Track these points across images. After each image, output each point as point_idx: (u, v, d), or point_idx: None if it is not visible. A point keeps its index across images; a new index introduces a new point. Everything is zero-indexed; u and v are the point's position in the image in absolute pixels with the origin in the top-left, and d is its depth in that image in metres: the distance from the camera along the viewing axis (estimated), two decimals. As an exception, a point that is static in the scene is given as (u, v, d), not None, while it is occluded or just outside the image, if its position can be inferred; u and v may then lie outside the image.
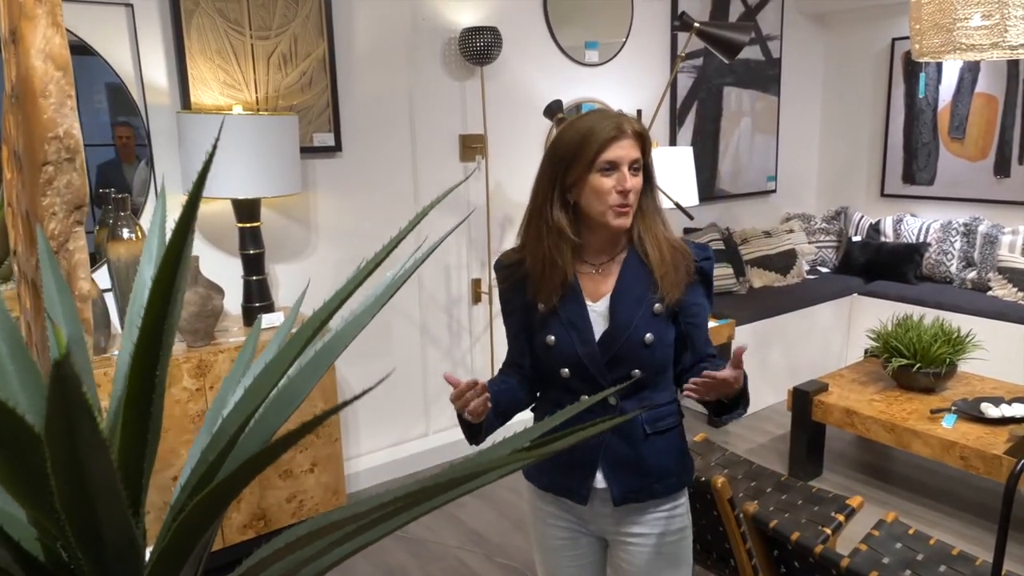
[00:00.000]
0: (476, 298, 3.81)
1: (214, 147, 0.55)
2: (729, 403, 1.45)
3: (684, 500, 1.60)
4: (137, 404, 0.57)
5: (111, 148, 2.80)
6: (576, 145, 1.40)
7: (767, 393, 4.34)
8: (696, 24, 2.84)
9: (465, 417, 1.39)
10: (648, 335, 1.45)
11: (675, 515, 1.56)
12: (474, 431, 1.47)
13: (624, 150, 1.41)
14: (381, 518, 0.60)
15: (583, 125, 1.41)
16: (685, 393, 1.39)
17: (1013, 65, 4.43)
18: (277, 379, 0.66)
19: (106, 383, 2.32)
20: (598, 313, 1.48)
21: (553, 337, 1.48)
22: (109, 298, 2.66)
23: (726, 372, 1.33)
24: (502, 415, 1.52)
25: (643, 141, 1.45)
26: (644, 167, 1.46)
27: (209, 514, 0.47)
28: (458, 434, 3.80)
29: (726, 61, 3.00)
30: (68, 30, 2.54)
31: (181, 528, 0.48)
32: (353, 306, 0.84)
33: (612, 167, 1.40)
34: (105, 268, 2.69)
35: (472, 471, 0.57)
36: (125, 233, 2.61)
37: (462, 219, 3.68)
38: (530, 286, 1.49)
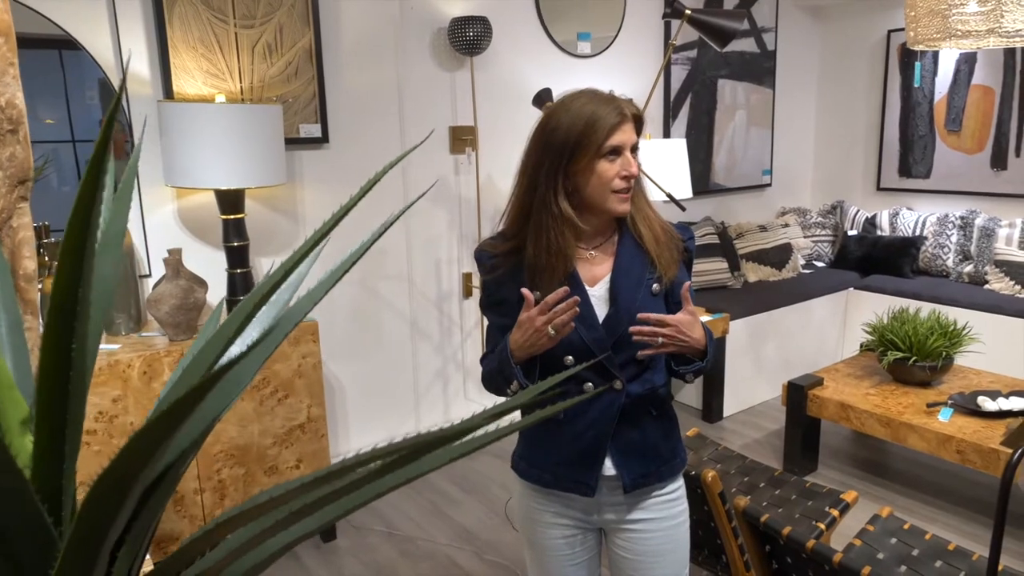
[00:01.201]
0: (467, 292, 3.76)
1: (123, 83, 0.49)
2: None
3: (682, 483, 1.58)
4: (50, 384, 0.52)
5: (70, 144, 2.72)
6: (580, 131, 1.37)
7: (762, 388, 4.30)
8: (687, 11, 2.79)
9: (549, 333, 1.32)
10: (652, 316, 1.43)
11: (675, 498, 1.55)
12: (531, 371, 1.41)
13: (627, 134, 1.39)
14: (349, 487, 0.55)
15: (583, 110, 1.38)
16: (635, 338, 1.34)
17: (1010, 56, 4.38)
18: (214, 358, 0.60)
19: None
20: (597, 297, 1.45)
21: None
22: (89, 291, 2.60)
23: (678, 315, 1.35)
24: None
25: (639, 123, 1.44)
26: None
27: (110, 497, 0.43)
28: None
29: (718, 49, 2.95)
30: (54, 22, 2.50)
31: (83, 516, 0.43)
32: (311, 284, 0.79)
33: (616, 152, 1.39)
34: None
35: (449, 433, 0.52)
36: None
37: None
38: (530, 276, 1.44)
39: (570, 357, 1.44)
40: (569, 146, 1.38)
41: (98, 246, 0.66)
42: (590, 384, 1.45)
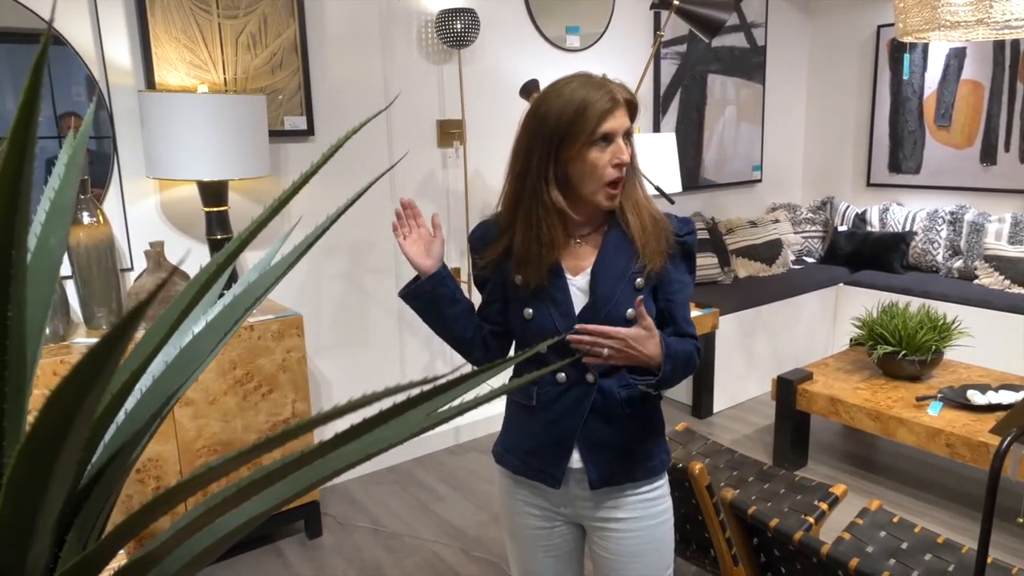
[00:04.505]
0: (455, 288, 3.72)
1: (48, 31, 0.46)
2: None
3: (664, 482, 1.53)
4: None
5: (56, 140, 2.65)
6: (570, 118, 1.32)
7: (752, 383, 4.28)
8: (675, 2, 2.77)
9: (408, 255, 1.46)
10: (630, 310, 1.39)
11: (655, 498, 1.50)
12: (413, 282, 1.49)
13: (618, 121, 1.34)
14: (298, 461, 0.51)
15: (574, 96, 1.33)
16: (573, 345, 1.28)
17: (999, 51, 4.38)
18: (166, 336, 0.57)
19: (62, 371, 2.22)
20: (578, 288, 1.42)
21: (531, 311, 1.42)
22: (69, 285, 2.57)
23: (630, 329, 1.28)
24: (442, 314, 1.49)
25: (632, 109, 1.38)
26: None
27: (36, 468, 0.40)
28: (437, 428, 3.73)
29: (706, 40, 2.93)
30: (36, 13, 2.46)
31: (9, 489, 0.40)
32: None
33: (607, 140, 1.34)
34: (65, 254, 2.60)
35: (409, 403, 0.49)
36: (86, 218, 2.51)
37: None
38: (515, 265, 1.42)
39: (545, 346, 1.40)
40: (559, 133, 1.33)
41: (46, 214, 0.63)
42: (563, 375, 1.42)
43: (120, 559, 1.30)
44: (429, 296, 1.47)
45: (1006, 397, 2.94)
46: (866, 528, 2.15)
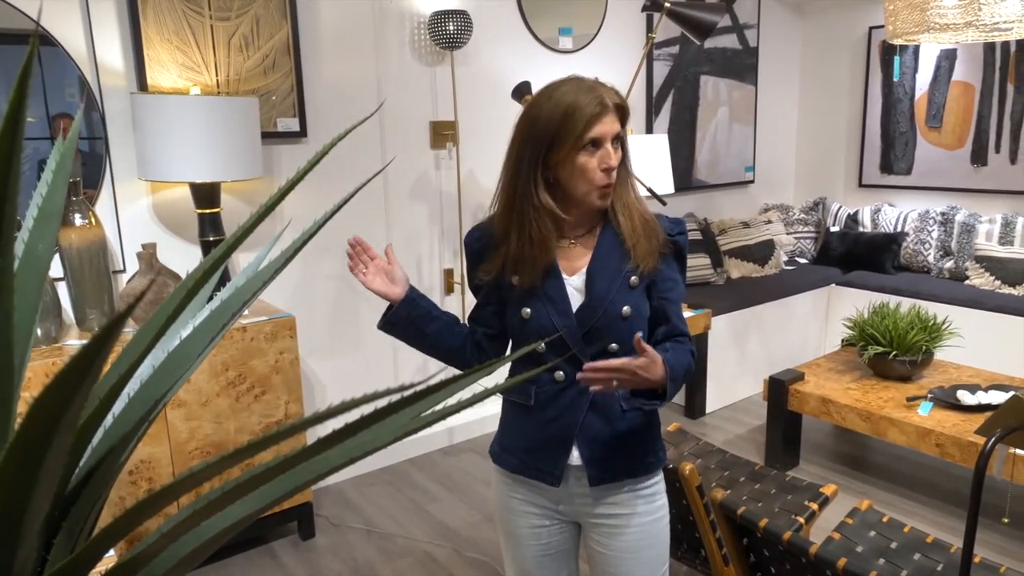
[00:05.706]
0: (448, 289, 3.73)
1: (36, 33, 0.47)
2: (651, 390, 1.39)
3: (660, 478, 1.55)
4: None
5: (48, 141, 2.64)
6: (559, 122, 1.33)
7: (745, 384, 4.30)
8: (667, 4, 2.78)
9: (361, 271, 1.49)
10: (625, 308, 1.42)
11: (653, 494, 1.52)
12: (386, 313, 1.52)
13: (607, 126, 1.35)
14: (282, 464, 0.52)
15: (563, 99, 1.34)
16: (583, 381, 1.29)
17: (989, 52, 4.40)
18: (153, 340, 0.58)
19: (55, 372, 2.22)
20: (574, 287, 1.44)
21: (529, 310, 1.44)
22: (61, 287, 2.57)
23: (638, 360, 1.27)
24: (424, 333, 1.53)
25: (623, 113, 1.39)
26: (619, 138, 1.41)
27: (20, 472, 0.40)
28: (431, 429, 3.74)
29: (697, 42, 2.94)
30: (26, 14, 2.45)
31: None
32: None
33: (596, 144, 1.35)
34: (57, 256, 2.60)
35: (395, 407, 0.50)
36: (77, 219, 2.51)
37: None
38: (510, 266, 1.44)
39: (542, 344, 1.43)
40: (548, 137, 1.35)
41: (34, 220, 0.64)
42: (561, 372, 1.44)
43: (110, 561, 1.31)
44: (406, 321, 1.51)
45: (996, 397, 2.96)
46: (856, 528, 2.17)
